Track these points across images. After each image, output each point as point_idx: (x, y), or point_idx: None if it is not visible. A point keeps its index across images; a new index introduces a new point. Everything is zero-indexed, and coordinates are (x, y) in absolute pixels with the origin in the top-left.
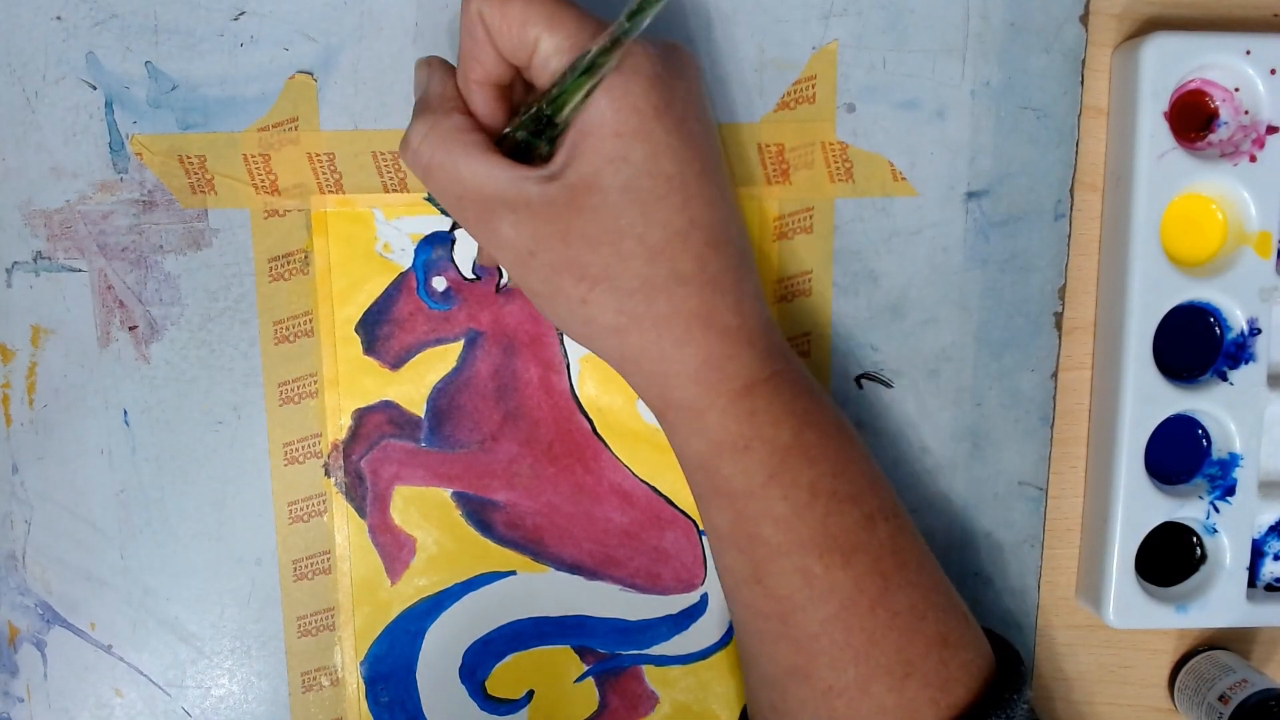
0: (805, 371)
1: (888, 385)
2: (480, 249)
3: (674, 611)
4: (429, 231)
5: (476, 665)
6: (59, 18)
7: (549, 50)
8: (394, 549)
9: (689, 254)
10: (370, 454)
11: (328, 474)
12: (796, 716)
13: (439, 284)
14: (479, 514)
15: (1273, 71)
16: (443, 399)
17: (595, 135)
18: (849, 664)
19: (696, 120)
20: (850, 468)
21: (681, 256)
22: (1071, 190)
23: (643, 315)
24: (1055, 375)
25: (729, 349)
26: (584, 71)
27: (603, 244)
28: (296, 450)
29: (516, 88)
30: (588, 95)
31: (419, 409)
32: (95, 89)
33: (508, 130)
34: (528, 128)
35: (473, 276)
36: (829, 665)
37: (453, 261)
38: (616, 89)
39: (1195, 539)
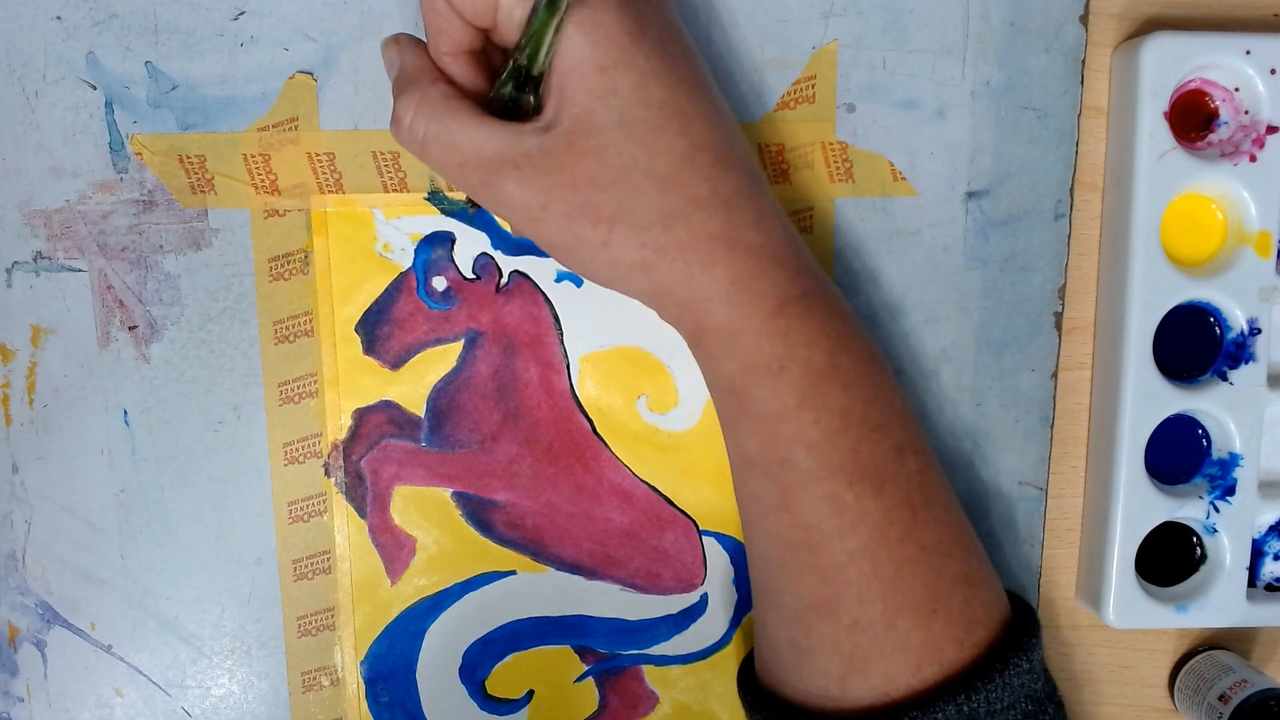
0: (838, 293)
1: None
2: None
3: (674, 611)
4: (429, 231)
5: (476, 665)
6: (59, 18)
7: (510, 2)
8: (394, 549)
9: (699, 176)
10: (370, 454)
11: (328, 474)
12: (817, 655)
13: (439, 284)
14: (479, 514)
15: (1273, 71)
16: (443, 399)
17: (578, 74)
18: (876, 598)
19: (675, 42)
20: (882, 396)
21: (692, 180)
22: (1071, 190)
23: (666, 245)
24: (1055, 375)
25: (757, 267)
26: (546, 8)
27: (611, 183)
28: (296, 450)
29: (490, 54)
30: (557, 33)
31: (419, 409)
32: (95, 89)
33: (491, 94)
34: (509, 84)
35: (473, 276)
36: (856, 599)
37: (453, 261)
38: (587, 22)
39: (1195, 539)
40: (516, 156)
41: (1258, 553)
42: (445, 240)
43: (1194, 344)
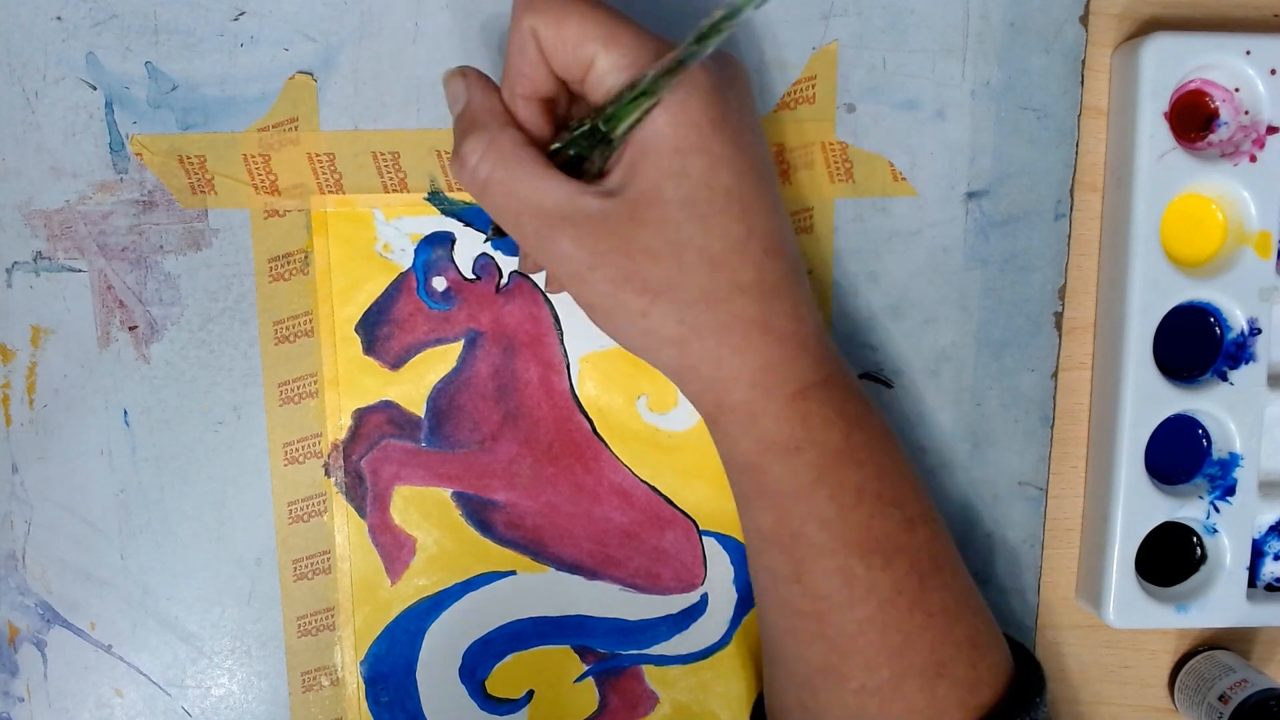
0: (854, 376)
1: (888, 385)
2: (523, 256)
3: (674, 611)
4: (429, 231)
5: (476, 665)
6: (59, 18)
7: (606, 67)
8: (394, 549)
9: (748, 263)
10: (370, 454)
11: (328, 474)
12: (824, 715)
13: (439, 284)
14: (479, 514)
15: (1273, 71)
16: (443, 399)
17: (654, 152)
18: (883, 663)
19: (750, 130)
20: (894, 471)
21: (741, 266)
22: (1071, 190)
23: (703, 325)
24: (1055, 375)
25: (785, 353)
26: (644, 92)
27: (664, 256)
28: (296, 450)
29: (560, 101)
30: (645, 113)
31: (419, 409)
32: (95, 89)
33: (558, 145)
34: (580, 144)
35: (473, 276)
36: (863, 665)
37: (453, 261)
38: (675, 105)
39: (1195, 539)
40: (576, 214)
41: (1258, 553)
42: (445, 240)
43: (1194, 344)
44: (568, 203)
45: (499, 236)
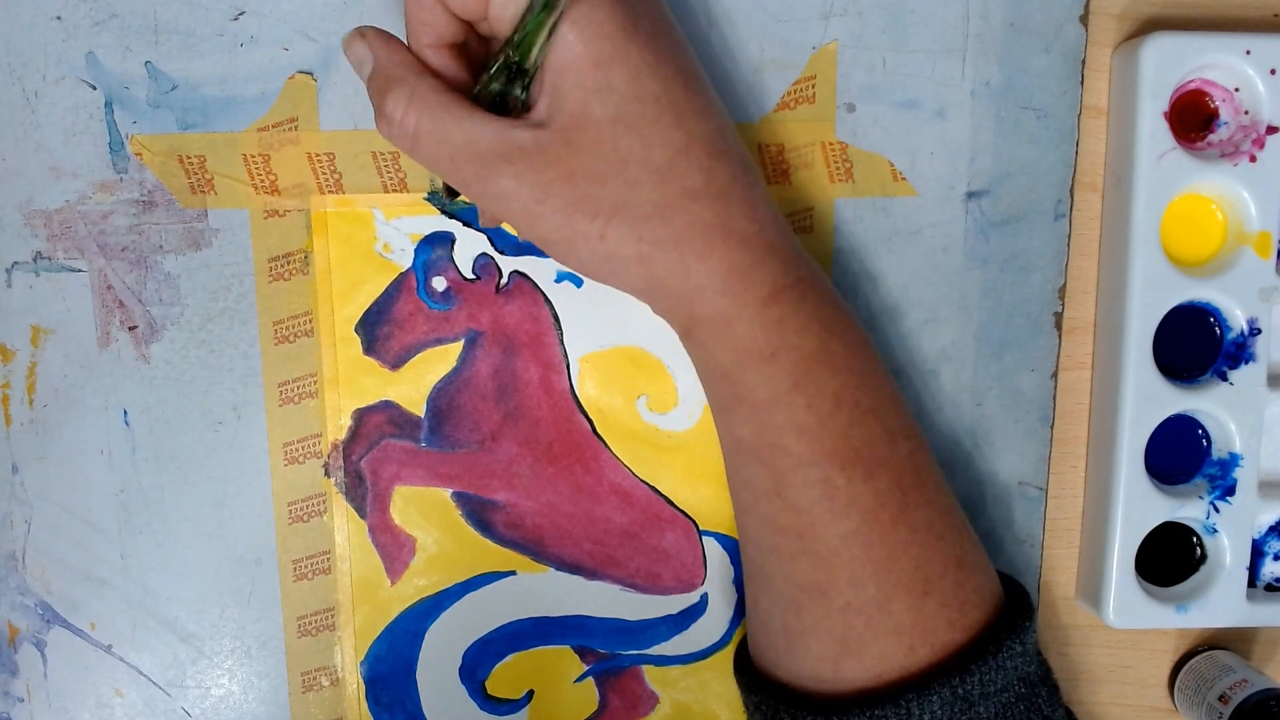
0: (827, 280)
1: None
2: (481, 212)
3: (674, 611)
4: (429, 231)
5: (476, 665)
6: (59, 18)
7: None
8: (394, 549)
9: (694, 168)
10: (370, 454)
11: (328, 474)
12: (810, 638)
13: (439, 284)
14: (479, 514)
15: (1273, 71)
16: (443, 399)
17: (573, 70)
18: (869, 580)
19: (667, 36)
20: (872, 380)
21: (688, 172)
22: (1071, 190)
23: (662, 237)
24: (1055, 375)
25: (751, 256)
26: (543, 8)
27: (608, 176)
28: (296, 450)
29: (470, 45)
30: (552, 32)
31: (419, 409)
32: (95, 89)
33: (478, 88)
34: (498, 79)
35: (472, 276)
36: (849, 581)
37: (453, 261)
38: (581, 19)
39: (1195, 539)
40: (511, 151)
41: (1258, 553)
42: (445, 240)
43: (1194, 344)
44: (500, 140)
45: (452, 197)
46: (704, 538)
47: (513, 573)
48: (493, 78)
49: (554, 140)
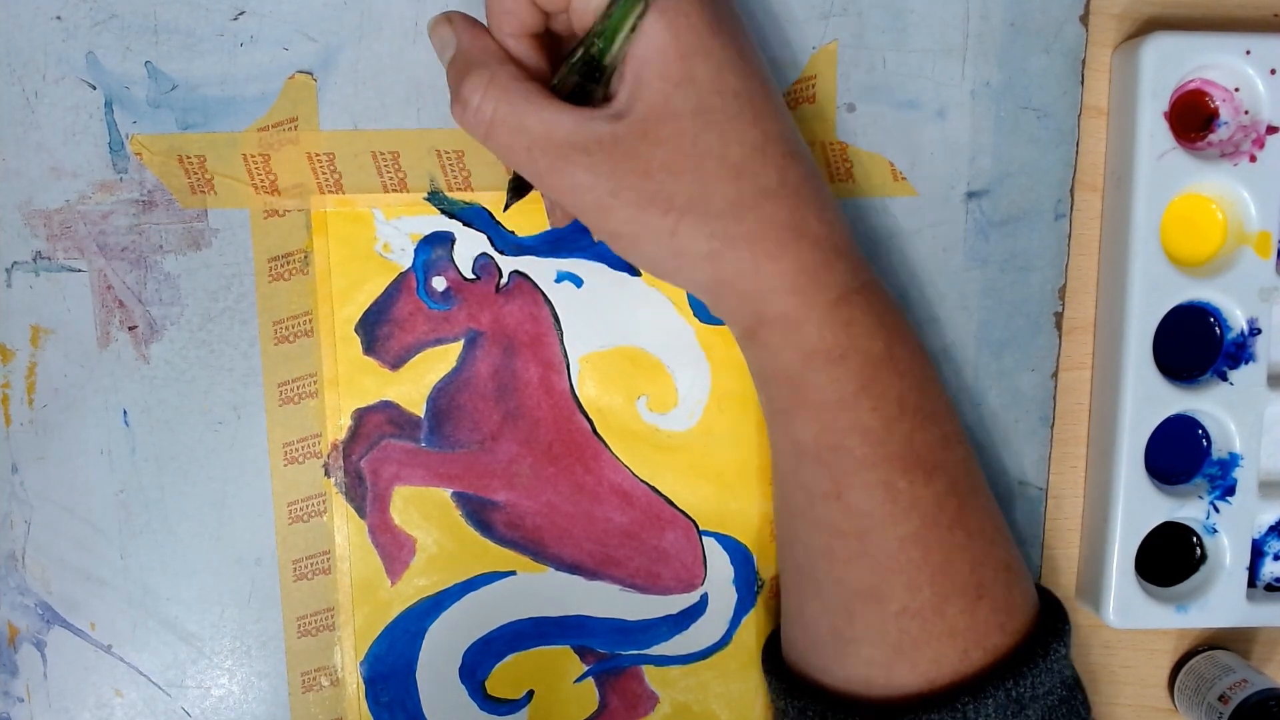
0: (886, 286)
1: None
2: (550, 209)
3: (674, 612)
4: (429, 231)
5: (476, 665)
6: (59, 18)
7: None
8: (394, 549)
9: (770, 166)
10: (370, 454)
11: (328, 474)
12: (861, 643)
13: (439, 284)
14: (479, 514)
15: (1273, 71)
16: (443, 399)
17: (657, 61)
18: (925, 584)
19: (744, 34)
20: (931, 386)
21: (763, 170)
22: (1072, 190)
23: (735, 235)
24: (1055, 375)
25: (822, 257)
26: (630, 1)
27: (685, 171)
28: (296, 450)
29: (550, 34)
30: (637, 23)
31: (419, 409)
32: (95, 89)
33: (556, 79)
34: (578, 70)
35: (472, 276)
36: (905, 585)
37: (452, 261)
38: (669, 10)
39: (1195, 539)
40: (588, 141)
41: (1258, 553)
42: (445, 240)
43: (1194, 344)
44: (578, 130)
45: (518, 196)
46: (704, 538)
47: (513, 573)
48: (573, 68)
49: (632, 132)
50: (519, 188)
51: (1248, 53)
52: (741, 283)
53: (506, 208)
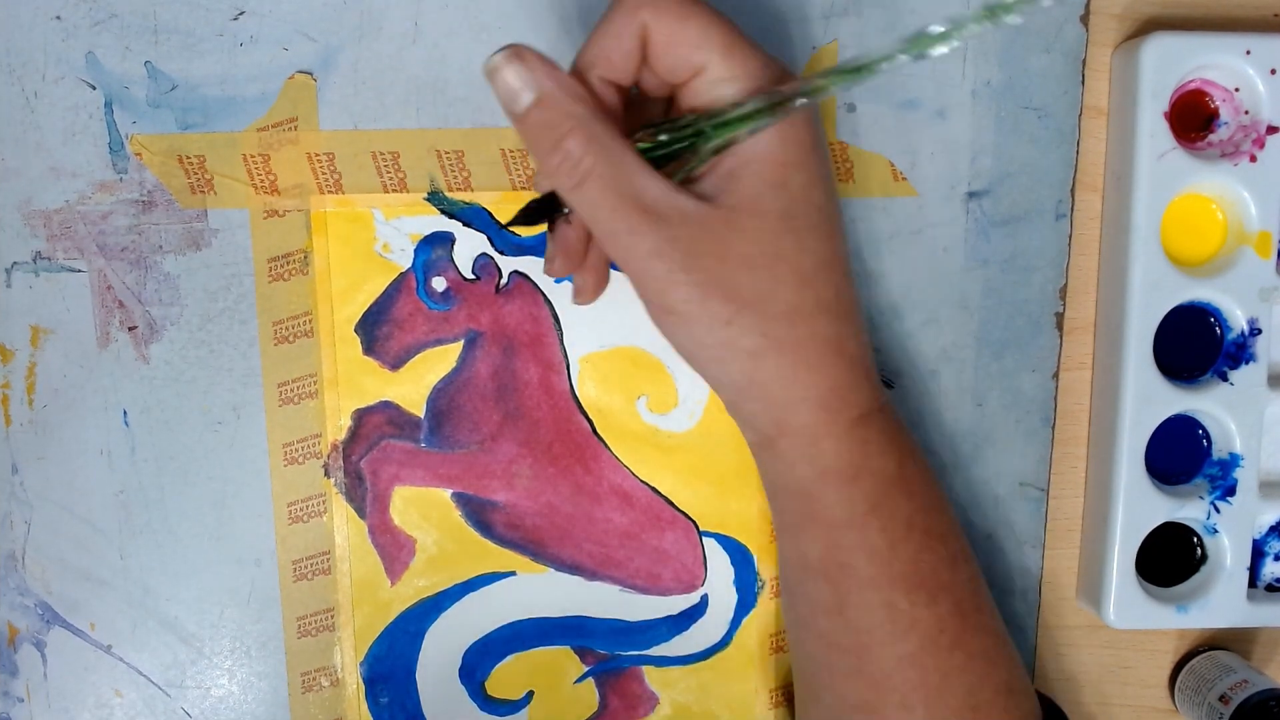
0: (897, 408)
1: (888, 385)
2: (582, 286)
3: (674, 612)
4: (429, 231)
5: (476, 666)
6: (59, 17)
7: (720, 77)
8: (394, 549)
9: (831, 283)
10: (370, 454)
11: (327, 474)
12: None
13: (439, 284)
14: (479, 514)
15: (1273, 71)
16: (442, 399)
17: (760, 164)
18: (919, 704)
19: (829, 158)
20: (938, 505)
21: (825, 285)
22: (1072, 190)
23: (784, 339)
24: (1057, 375)
25: (853, 377)
26: (769, 111)
27: (759, 267)
28: (296, 450)
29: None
30: (756, 129)
31: (419, 409)
32: (95, 89)
33: (647, 142)
34: (676, 143)
35: (472, 277)
36: (899, 704)
37: (452, 261)
38: (786, 123)
39: (1196, 539)
40: (673, 214)
41: (1258, 553)
42: (445, 240)
43: (1194, 344)
44: (667, 201)
45: (529, 222)
46: (704, 538)
47: (513, 573)
48: (673, 139)
49: (717, 218)
50: (534, 216)
51: (1248, 53)
52: (775, 388)
53: (513, 223)
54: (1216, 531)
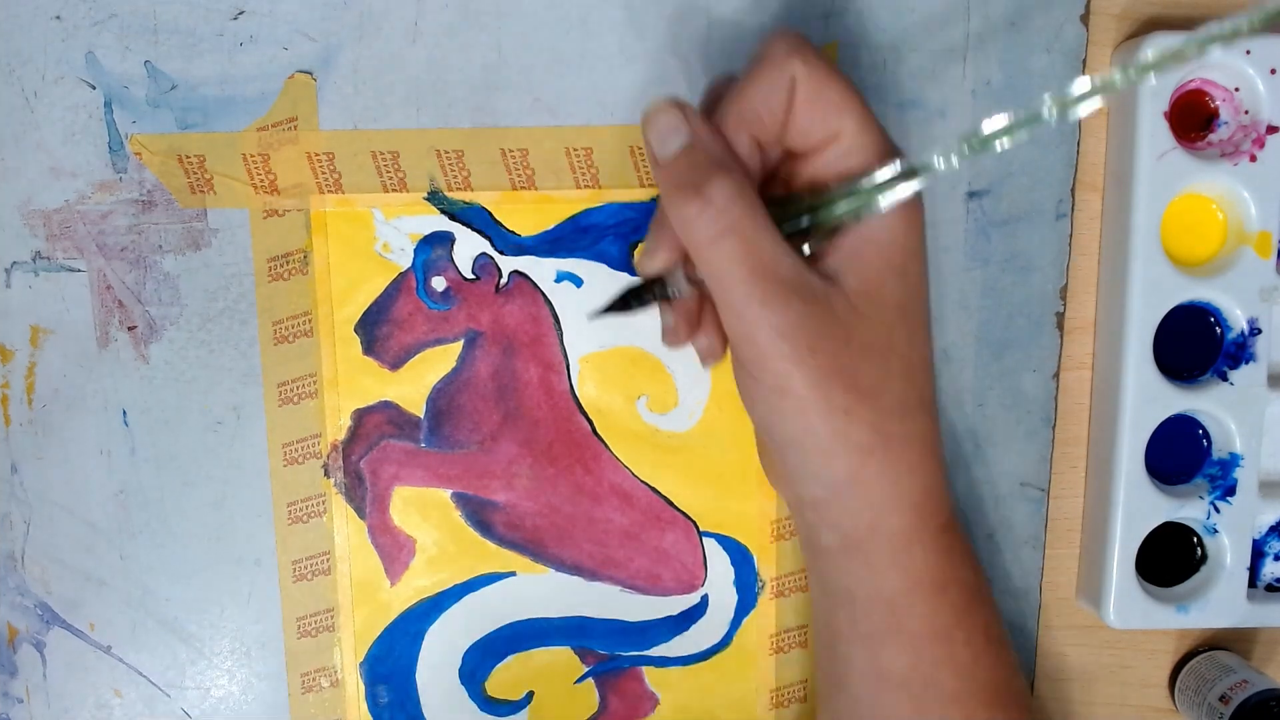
0: None
1: None
2: (709, 350)
3: (674, 613)
4: (428, 231)
5: (476, 666)
6: (59, 17)
7: (852, 145)
8: (393, 550)
9: (928, 379)
10: (370, 454)
11: (327, 474)
12: None
13: (438, 284)
14: (479, 515)
15: (1273, 71)
16: (442, 399)
17: (885, 245)
18: None
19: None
20: (999, 612)
21: (926, 380)
22: (1073, 190)
23: (893, 435)
24: (1057, 375)
25: (940, 480)
26: (903, 175)
27: (876, 355)
28: (296, 450)
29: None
30: (884, 207)
31: (418, 409)
32: (94, 89)
33: (797, 214)
34: (806, 216)
35: (472, 276)
36: None
37: (452, 261)
38: (910, 205)
39: (1196, 539)
40: (805, 291)
41: (1258, 553)
42: (445, 240)
43: (1194, 344)
44: (798, 275)
45: (618, 312)
46: (704, 539)
47: (512, 574)
48: (804, 211)
49: (842, 300)
50: (625, 305)
51: (1248, 53)
52: (877, 486)
53: (597, 315)
54: (1216, 531)
